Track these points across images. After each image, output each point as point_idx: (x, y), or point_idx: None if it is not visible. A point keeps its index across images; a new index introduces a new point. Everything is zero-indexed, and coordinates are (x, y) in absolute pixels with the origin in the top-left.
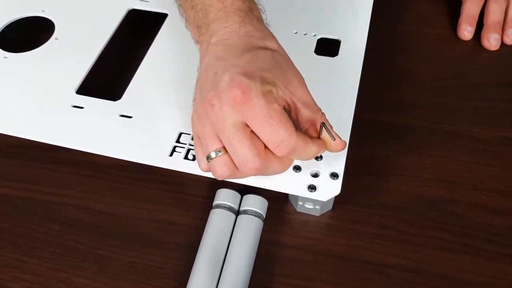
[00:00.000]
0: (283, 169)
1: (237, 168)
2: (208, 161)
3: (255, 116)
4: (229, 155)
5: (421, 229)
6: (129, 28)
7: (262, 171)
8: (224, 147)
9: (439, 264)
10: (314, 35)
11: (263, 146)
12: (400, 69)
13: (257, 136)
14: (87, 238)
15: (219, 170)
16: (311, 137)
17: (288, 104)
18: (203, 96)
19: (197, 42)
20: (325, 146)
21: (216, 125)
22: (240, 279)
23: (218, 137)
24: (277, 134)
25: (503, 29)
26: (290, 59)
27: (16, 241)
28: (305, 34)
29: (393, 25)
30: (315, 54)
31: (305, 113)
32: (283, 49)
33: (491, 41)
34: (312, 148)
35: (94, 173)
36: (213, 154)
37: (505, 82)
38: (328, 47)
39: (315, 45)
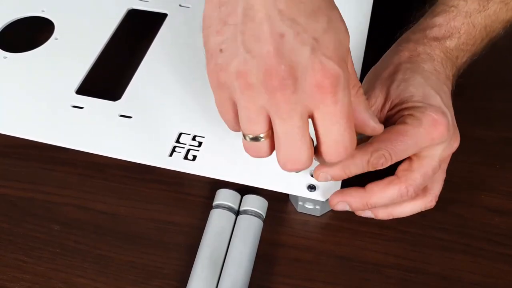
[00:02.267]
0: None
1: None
2: (246, 139)
3: (334, 112)
4: (273, 140)
5: (421, 229)
6: (129, 28)
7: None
8: (271, 131)
9: (439, 264)
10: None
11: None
12: None
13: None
14: (87, 238)
15: (261, 153)
16: None
17: None
18: (265, 63)
19: None
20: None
21: (279, 109)
22: (240, 279)
23: (269, 117)
24: (346, 138)
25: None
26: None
27: (16, 241)
28: None
29: (393, 25)
30: None
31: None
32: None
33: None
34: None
35: (94, 173)
36: (258, 137)
37: (505, 82)
38: None
39: None
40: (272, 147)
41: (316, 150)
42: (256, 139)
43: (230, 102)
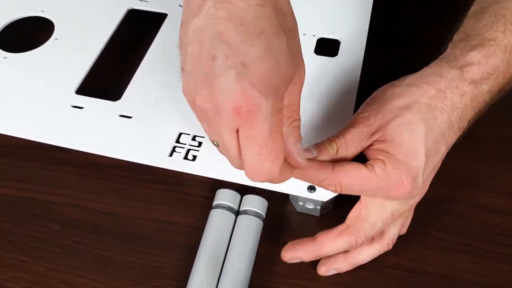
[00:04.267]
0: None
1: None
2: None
3: (250, 136)
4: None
5: (421, 229)
6: (129, 28)
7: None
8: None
9: (439, 264)
10: (314, 35)
11: None
12: (401, 69)
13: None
14: (87, 238)
15: (227, 156)
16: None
17: None
18: (191, 87)
19: None
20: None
21: (208, 128)
22: (240, 279)
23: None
24: (260, 164)
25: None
26: (299, 39)
27: (16, 241)
28: (304, 34)
29: (393, 25)
30: (315, 54)
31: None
32: (294, 19)
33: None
34: (285, 176)
35: (94, 173)
36: (216, 143)
37: None
38: (327, 47)
39: (314, 45)
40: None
41: None
42: (216, 144)
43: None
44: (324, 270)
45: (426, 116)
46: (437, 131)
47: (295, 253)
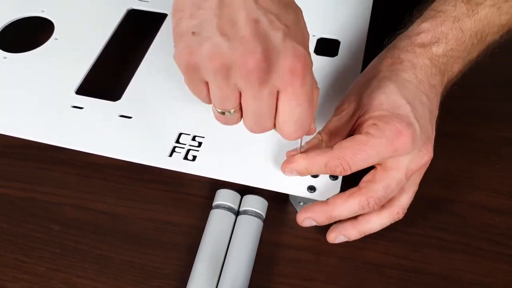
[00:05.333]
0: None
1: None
2: (217, 112)
3: (299, 94)
4: (241, 112)
5: (421, 229)
6: (129, 28)
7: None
8: (240, 105)
9: (439, 264)
10: (314, 35)
11: None
12: None
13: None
14: (87, 238)
15: (229, 123)
16: None
17: None
18: (241, 45)
19: None
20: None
21: (252, 87)
22: (240, 280)
23: (240, 93)
24: (305, 119)
25: None
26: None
27: (15, 241)
28: None
29: (393, 25)
30: (315, 54)
31: None
32: None
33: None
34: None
35: (94, 173)
36: (228, 112)
37: (504, 82)
38: (327, 47)
39: (314, 45)
40: (241, 117)
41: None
42: (225, 113)
43: (202, 83)
44: (332, 236)
45: (392, 77)
46: (409, 84)
47: (307, 213)
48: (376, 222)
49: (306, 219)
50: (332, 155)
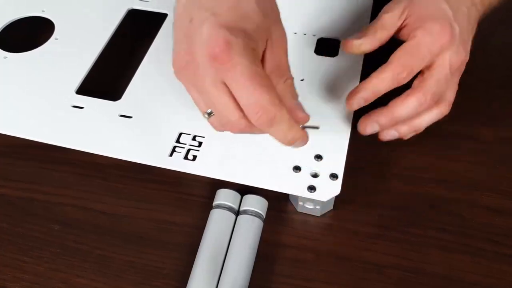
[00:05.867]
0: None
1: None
2: (205, 116)
3: (236, 77)
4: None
5: (421, 229)
6: (129, 28)
7: (250, 132)
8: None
9: (439, 264)
10: (314, 35)
11: None
12: None
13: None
14: (87, 238)
15: (217, 128)
16: None
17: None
18: (177, 50)
19: None
20: (305, 135)
21: (194, 84)
22: (240, 279)
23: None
24: (259, 98)
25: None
26: (276, 4)
27: (16, 241)
28: (305, 34)
29: None
30: (315, 54)
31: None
32: None
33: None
34: (293, 128)
35: (94, 173)
36: (208, 112)
37: (505, 82)
38: (328, 47)
39: (315, 45)
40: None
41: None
42: (208, 114)
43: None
44: (386, 134)
45: None
46: None
47: (370, 117)
48: (426, 118)
49: (370, 124)
50: (394, 66)
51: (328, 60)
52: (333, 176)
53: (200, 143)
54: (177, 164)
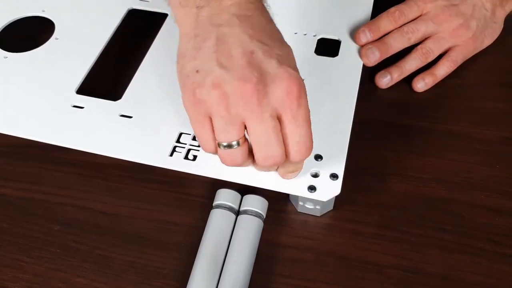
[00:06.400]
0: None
1: (249, 159)
2: (222, 148)
3: (298, 116)
4: (247, 145)
5: (421, 229)
6: (129, 28)
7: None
8: (244, 138)
9: (439, 264)
10: (314, 35)
11: None
12: None
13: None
14: (87, 238)
15: (237, 160)
16: None
17: None
18: (248, 76)
19: (182, 5)
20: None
21: (254, 112)
22: (240, 279)
23: (243, 124)
24: (308, 139)
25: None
26: None
27: (16, 241)
28: (305, 34)
29: None
30: (315, 54)
31: None
32: None
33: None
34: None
35: (94, 173)
36: (234, 144)
37: (505, 82)
38: (328, 47)
39: (315, 45)
40: (246, 153)
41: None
42: (230, 146)
43: (206, 118)
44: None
45: None
46: None
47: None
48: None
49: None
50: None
51: (328, 60)
52: (333, 176)
53: None
54: (177, 164)
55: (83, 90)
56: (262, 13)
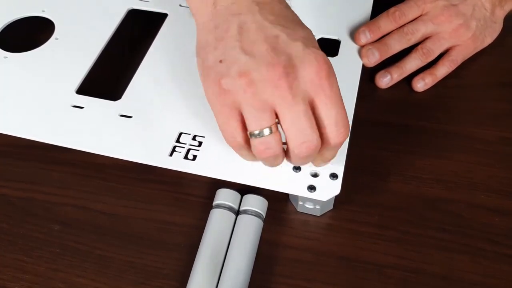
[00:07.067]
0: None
1: (282, 152)
2: (254, 138)
3: (331, 97)
4: (279, 134)
5: (421, 229)
6: (129, 28)
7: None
8: (276, 124)
9: (439, 264)
10: (314, 35)
11: None
12: None
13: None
14: (87, 238)
15: (272, 149)
16: None
17: None
18: (275, 60)
19: None
20: None
21: (284, 97)
22: (240, 280)
23: (274, 111)
24: (344, 118)
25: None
26: None
27: (16, 241)
28: None
29: None
30: None
31: None
32: None
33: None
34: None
35: (94, 173)
36: (266, 131)
37: (505, 82)
38: (328, 47)
39: None
40: (280, 141)
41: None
42: (263, 134)
43: (232, 109)
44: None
45: None
46: None
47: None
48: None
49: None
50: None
51: None
52: (333, 176)
53: (200, 143)
54: (177, 164)
55: (83, 90)
56: (279, 0)
